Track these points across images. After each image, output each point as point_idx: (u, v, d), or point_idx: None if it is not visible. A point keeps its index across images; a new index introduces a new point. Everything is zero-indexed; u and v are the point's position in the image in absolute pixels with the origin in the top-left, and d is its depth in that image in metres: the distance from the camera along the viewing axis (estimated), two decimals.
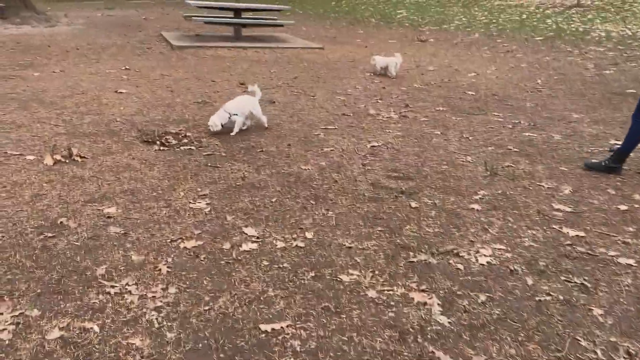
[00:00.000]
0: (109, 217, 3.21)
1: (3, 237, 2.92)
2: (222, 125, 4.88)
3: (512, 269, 2.86)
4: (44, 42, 10.28)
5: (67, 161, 4.07)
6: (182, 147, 4.58)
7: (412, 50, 11.34)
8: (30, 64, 8.08)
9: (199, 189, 3.71)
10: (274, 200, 3.59)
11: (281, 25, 11.98)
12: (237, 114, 4.95)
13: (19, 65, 7.92)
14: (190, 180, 3.86)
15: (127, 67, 8.02)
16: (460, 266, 2.86)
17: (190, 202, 3.49)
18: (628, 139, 4.23)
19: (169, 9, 19.39)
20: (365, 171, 4.23)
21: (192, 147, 4.60)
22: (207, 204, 3.48)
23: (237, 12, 11.45)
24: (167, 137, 4.82)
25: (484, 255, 2.98)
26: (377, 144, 4.92)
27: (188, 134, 4.95)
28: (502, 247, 3.09)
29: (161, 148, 4.52)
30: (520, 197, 3.84)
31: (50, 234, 2.97)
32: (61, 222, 3.10)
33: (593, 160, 4.55)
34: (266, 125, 5.22)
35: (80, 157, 4.14)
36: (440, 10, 18.88)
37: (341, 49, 11.07)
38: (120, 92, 6.38)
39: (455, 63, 9.76)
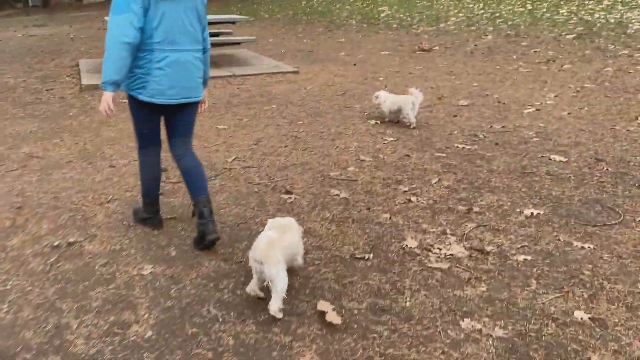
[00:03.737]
0: None
1: None
2: None
3: None
4: None
5: None
6: None
7: (417, 65, 8.34)
8: None
9: None
10: None
11: (238, 44, 8.85)
12: None
13: None
14: None
15: None
16: None
17: None
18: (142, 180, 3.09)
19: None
20: None
21: None
22: None
23: None
24: None
25: None
26: None
27: None
28: None
29: None
30: None
31: None
32: None
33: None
34: None
35: None
36: (427, 4, 15.88)
37: (322, 72, 8.03)
38: None
39: (489, 87, 6.76)
